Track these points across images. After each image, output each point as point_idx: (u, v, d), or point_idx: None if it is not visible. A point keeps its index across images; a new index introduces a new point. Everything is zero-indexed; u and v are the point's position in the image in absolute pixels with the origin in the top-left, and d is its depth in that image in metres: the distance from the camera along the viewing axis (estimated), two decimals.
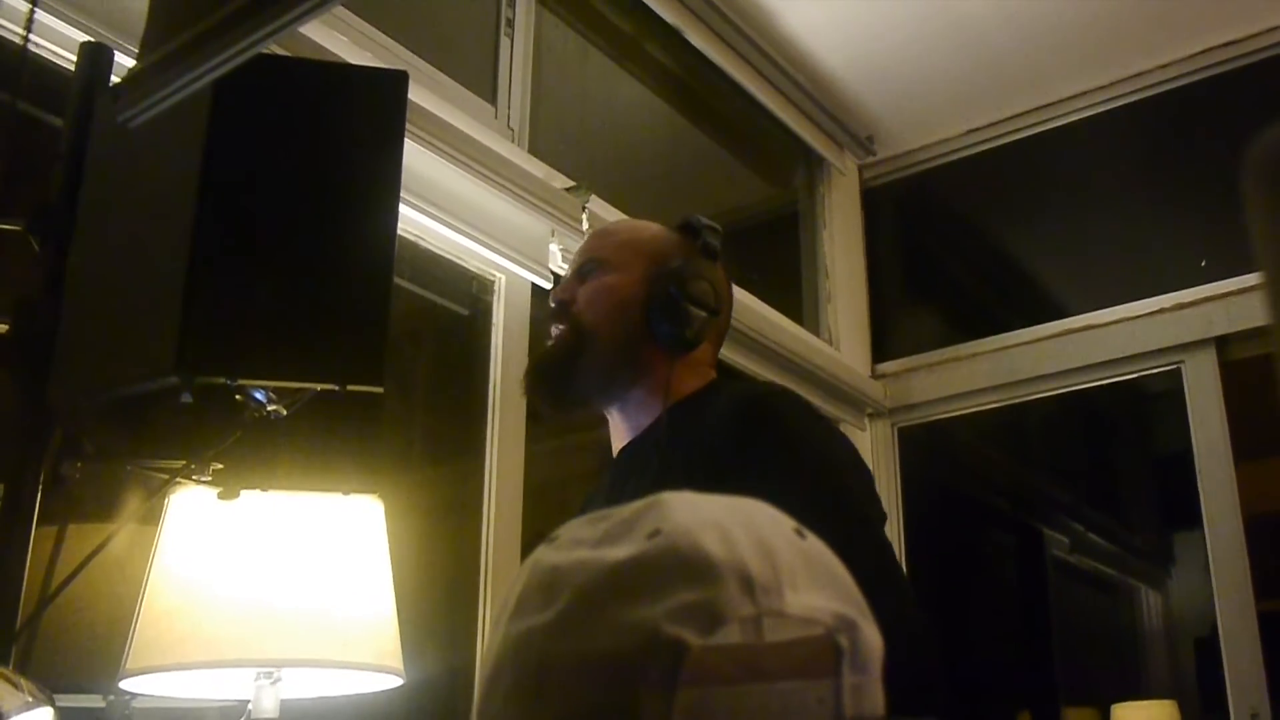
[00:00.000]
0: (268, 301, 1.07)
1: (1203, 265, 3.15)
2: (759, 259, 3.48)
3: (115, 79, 1.32)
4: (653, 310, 1.45)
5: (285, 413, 1.15)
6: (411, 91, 1.20)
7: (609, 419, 1.54)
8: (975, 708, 3.59)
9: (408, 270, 2.25)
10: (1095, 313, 3.30)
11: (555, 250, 2.41)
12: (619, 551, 0.57)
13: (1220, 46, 3.26)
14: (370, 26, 2.20)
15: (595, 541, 0.59)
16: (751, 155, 3.76)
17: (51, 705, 0.99)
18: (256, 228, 1.09)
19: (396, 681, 1.48)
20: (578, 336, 1.48)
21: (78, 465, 1.19)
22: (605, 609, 0.55)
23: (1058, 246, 3.58)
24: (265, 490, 1.36)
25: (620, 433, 1.52)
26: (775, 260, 3.71)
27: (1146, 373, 3.25)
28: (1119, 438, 5.01)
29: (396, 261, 1.13)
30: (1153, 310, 3.19)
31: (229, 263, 1.06)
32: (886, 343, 3.70)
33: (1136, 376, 3.29)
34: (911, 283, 3.92)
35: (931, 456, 3.79)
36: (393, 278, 1.13)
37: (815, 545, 0.60)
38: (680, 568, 0.55)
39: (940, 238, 3.97)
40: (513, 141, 2.51)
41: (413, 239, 2.22)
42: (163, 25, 0.99)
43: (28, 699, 0.96)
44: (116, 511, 1.39)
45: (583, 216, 2.42)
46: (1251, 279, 2.89)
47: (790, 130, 3.54)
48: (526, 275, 2.37)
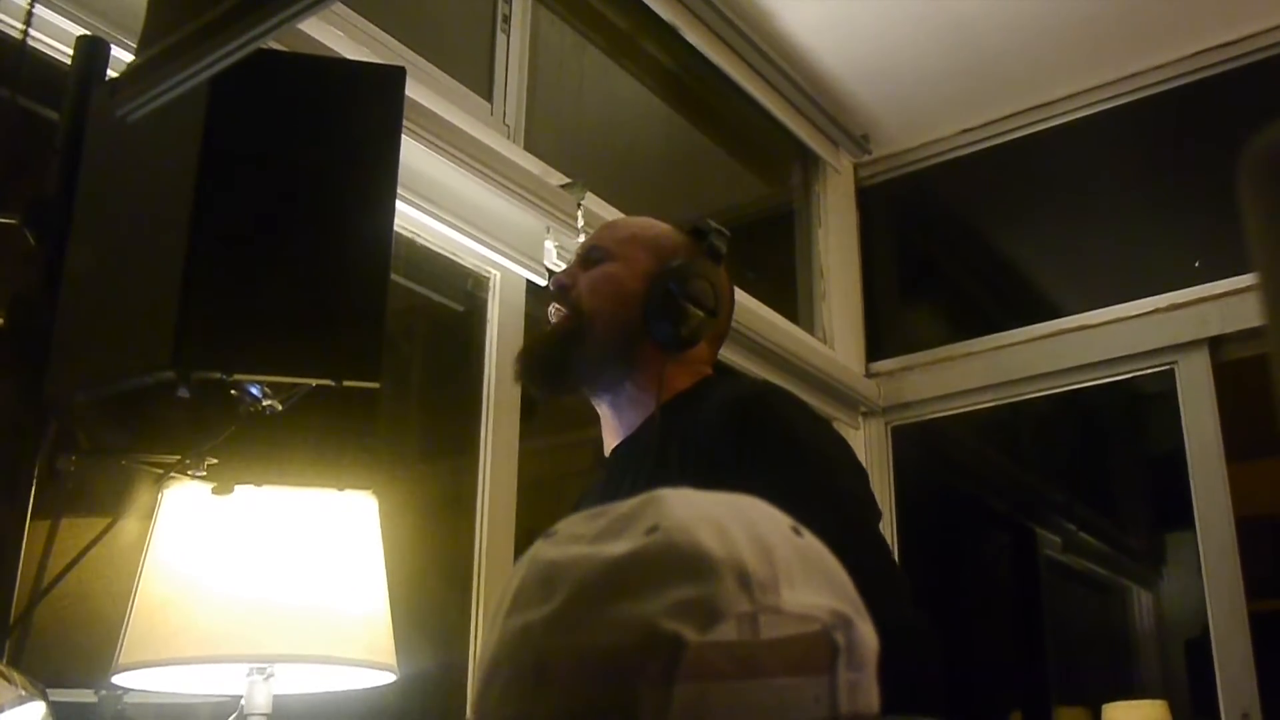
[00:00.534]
0: (264, 296, 1.07)
1: (1196, 266, 3.15)
2: (754, 257, 3.48)
3: (112, 73, 1.32)
4: (651, 305, 1.45)
5: (281, 408, 1.15)
6: (408, 88, 1.20)
7: (600, 414, 1.54)
8: (967, 707, 3.60)
9: (403, 266, 2.24)
10: (1089, 313, 3.30)
11: (550, 247, 2.41)
12: (617, 547, 0.57)
13: (1215, 48, 3.26)
14: (367, 22, 2.20)
15: (593, 537, 0.59)
16: (747, 153, 3.76)
17: (44, 699, 0.99)
18: (253, 222, 1.09)
19: (390, 677, 1.48)
20: (576, 321, 1.48)
21: (73, 459, 1.19)
22: (603, 604, 0.55)
23: (1052, 246, 3.59)
24: (260, 485, 1.36)
25: (612, 430, 1.52)
26: (770, 258, 3.71)
27: (1140, 373, 3.25)
28: (1112, 438, 5.02)
29: (392, 258, 1.13)
30: (1146, 311, 3.19)
31: (226, 257, 1.06)
32: (881, 341, 3.70)
33: (1130, 377, 3.29)
34: (906, 282, 3.93)
35: (925, 456, 3.79)
36: (390, 273, 1.13)
37: (812, 543, 0.60)
38: (678, 564, 0.55)
39: (935, 237, 3.98)
40: (508, 138, 2.51)
41: (408, 235, 2.22)
42: (162, 20, 0.99)
43: (20, 693, 0.96)
44: (111, 506, 1.39)
45: (578, 213, 2.42)
46: (1245, 280, 2.90)
47: (786, 128, 3.54)
48: (522, 272, 2.37)
